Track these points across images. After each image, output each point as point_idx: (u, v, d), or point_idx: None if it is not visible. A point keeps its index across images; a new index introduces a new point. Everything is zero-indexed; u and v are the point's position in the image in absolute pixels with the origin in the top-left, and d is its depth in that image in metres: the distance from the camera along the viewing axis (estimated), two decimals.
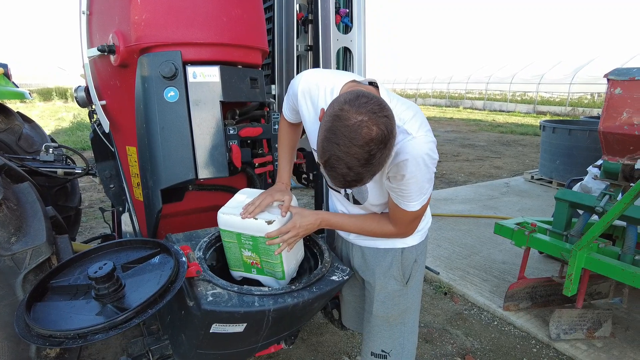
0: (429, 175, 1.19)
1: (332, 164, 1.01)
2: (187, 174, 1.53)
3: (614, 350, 2.51)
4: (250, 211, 1.35)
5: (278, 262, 1.40)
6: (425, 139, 1.16)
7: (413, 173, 1.15)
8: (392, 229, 1.36)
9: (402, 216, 1.30)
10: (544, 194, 5.84)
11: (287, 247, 1.36)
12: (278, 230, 1.33)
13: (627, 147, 2.31)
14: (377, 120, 0.97)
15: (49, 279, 1.27)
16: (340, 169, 1.01)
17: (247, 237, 1.39)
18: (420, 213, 1.30)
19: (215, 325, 1.28)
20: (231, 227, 1.40)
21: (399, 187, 1.21)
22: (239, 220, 1.36)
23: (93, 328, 1.06)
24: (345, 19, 1.95)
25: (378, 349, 1.54)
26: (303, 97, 1.35)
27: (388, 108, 1.02)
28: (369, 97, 1.01)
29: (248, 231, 1.37)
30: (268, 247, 1.37)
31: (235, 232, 1.40)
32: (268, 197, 1.40)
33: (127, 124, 1.71)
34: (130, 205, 1.92)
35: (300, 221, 1.35)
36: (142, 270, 1.32)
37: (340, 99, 1.03)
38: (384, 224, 1.37)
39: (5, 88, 2.60)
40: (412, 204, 1.24)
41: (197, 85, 1.53)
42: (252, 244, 1.40)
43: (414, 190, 1.20)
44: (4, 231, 1.28)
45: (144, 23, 1.48)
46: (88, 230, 4.31)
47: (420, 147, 1.14)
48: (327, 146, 1.00)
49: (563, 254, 2.53)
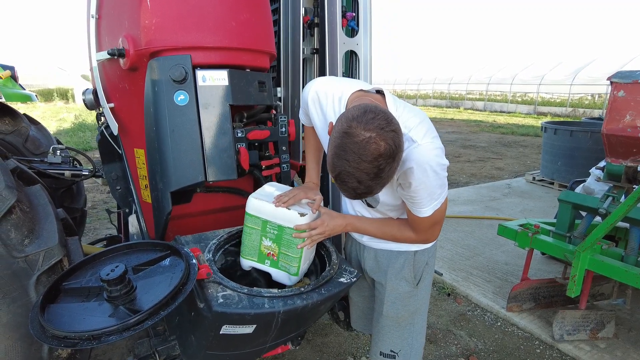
0: (438, 181, 1.20)
1: (342, 179, 1.05)
2: (196, 176, 1.55)
3: (617, 351, 2.52)
4: (285, 201, 1.40)
5: (297, 257, 1.41)
6: (431, 145, 1.18)
7: (420, 180, 1.17)
8: (413, 235, 1.39)
9: (419, 223, 1.32)
10: (545, 195, 5.85)
11: (310, 244, 1.39)
12: (307, 225, 1.37)
13: (630, 149, 2.32)
14: (385, 135, 1.00)
15: (62, 281, 1.28)
16: (350, 183, 1.04)
17: (274, 226, 1.41)
18: (438, 219, 1.31)
19: (225, 327, 1.29)
20: (260, 213, 1.41)
21: (409, 194, 1.23)
22: (270, 207, 1.39)
23: (107, 329, 1.08)
24: (351, 22, 1.97)
25: (387, 349, 1.56)
26: (313, 104, 1.40)
27: (395, 122, 1.05)
28: (376, 113, 1.03)
29: (277, 220, 1.39)
30: (291, 240, 1.39)
31: (263, 218, 1.41)
32: (301, 193, 1.45)
33: (135, 127, 1.73)
34: (138, 207, 1.94)
35: (329, 221, 1.39)
36: (152, 273, 1.34)
37: (348, 115, 1.05)
38: (406, 230, 1.39)
39: (12, 90, 2.62)
40: (423, 210, 1.25)
41: (207, 89, 1.54)
42: (276, 233, 1.41)
43: (424, 196, 1.22)
44: (17, 233, 1.29)
45: (154, 27, 1.49)
46: (92, 232, 4.33)
47: (426, 154, 1.16)
48: (337, 162, 1.04)
49: (566, 256, 2.54)
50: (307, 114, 1.48)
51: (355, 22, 2.00)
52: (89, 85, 2.17)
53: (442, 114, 20.01)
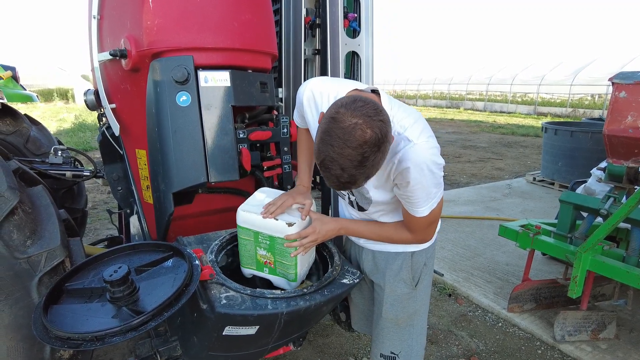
0: (434, 180, 1.20)
1: (326, 165, 1.03)
2: (199, 177, 1.55)
3: (618, 351, 2.52)
4: (272, 211, 1.37)
5: (292, 264, 1.41)
6: (427, 145, 1.18)
7: (417, 180, 1.16)
8: (409, 235, 1.38)
9: (416, 223, 1.31)
10: (546, 196, 5.85)
11: (303, 251, 1.37)
12: (298, 234, 1.35)
13: (632, 150, 2.32)
14: (372, 123, 0.99)
15: (64, 282, 1.28)
16: (334, 170, 1.02)
17: (265, 237, 1.40)
18: (434, 218, 1.31)
19: (228, 328, 1.29)
20: (250, 225, 1.41)
21: (406, 194, 1.22)
22: (259, 218, 1.37)
23: (110, 331, 1.08)
24: (353, 23, 1.97)
25: (387, 351, 1.56)
26: (308, 104, 1.38)
27: (384, 113, 1.04)
28: (366, 102, 1.02)
29: (267, 231, 1.38)
30: (284, 249, 1.39)
31: (254, 230, 1.41)
32: (289, 199, 1.42)
33: (137, 127, 1.73)
34: (139, 207, 1.93)
35: (320, 227, 1.37)
36: (155, 274, 1.34)
37: (337, 102, 1.05)
38: (402, 231, 1.38)
39: (13, 91, 2.62)
40: (420, 210, 1.25)
41: (209, 90, 1.54)
42: (269, 243, 1.41)
43: (421, 196, 1.21)
44: (19, 234, 1.29)
45: (157, 28, 1.49)
46: (92, 232, 4.32)
47: (422, 153, 1.16)
48: (322, 147, 1.02)
49: (568, 256, 2.54)
50: (301, 114, 1.46)
51: (357, 23, 2.00)
52: (89, 85, 2.17)
53: (442, 114, 20.01)
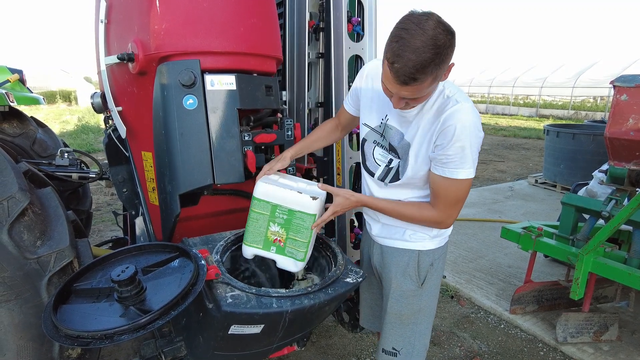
0: (477, 142, 1.22)
1: (398, 53, 1.05)
2: (205, 179, 1.57)
3: (620, 353, 2.53)
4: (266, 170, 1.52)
5: (305, 241, 1.42)
6: (473, 110, 1.23)
7: (461, 138, 1.19)
8: (433, 213, 1.35)
9: (446, 191, 1.28)
10: (548, 198, 5.86)
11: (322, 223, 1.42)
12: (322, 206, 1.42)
13: (633, 152, 2.33)
14: (443, 20, 1.06)
15: (73, 282, 1.30)
16: (407, 55, 1.04)
17: (284, 211, 1.40)
18: (462, 196, 1.29)
19: (234, 327, 1.31)
20: (269, 198, 1.40)
21: (445, 154, 1.22)
22: (280, 191, 1.38)
23: (119, 329, 1.10)
24: (356, 27, 1.99)
25: (389, 346, 1.58)
26: (369, 74, 1.46)
27: None
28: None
29: (288, 204, 1.39)
30: (300, 224, 1.39)
31: (273, 203, 1.40)
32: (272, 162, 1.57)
33: (143, 130, 1.75)
34: (145, 209, 1.96)
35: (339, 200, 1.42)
36: (162, 274, 1.36)
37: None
38: (425, 209, 1.37)
39: (20, 94, 2.65)
40: (460, 171, 1.23)
41: (215, 93, 1.57)
42: (285, 218, 1.40)
43: (462, 157, 1.21)
44: (30, 235, 1.31)
45: (164, 32, 1.52)
46: (96, 233, 4.35)
47: (469, 114, 1.21)
48: (396, 36, 1.06)
49: (570, 258, 2.55)
50: (355, 91, 1.52)
51: (360, 27, 2.02)
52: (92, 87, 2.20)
53: None
